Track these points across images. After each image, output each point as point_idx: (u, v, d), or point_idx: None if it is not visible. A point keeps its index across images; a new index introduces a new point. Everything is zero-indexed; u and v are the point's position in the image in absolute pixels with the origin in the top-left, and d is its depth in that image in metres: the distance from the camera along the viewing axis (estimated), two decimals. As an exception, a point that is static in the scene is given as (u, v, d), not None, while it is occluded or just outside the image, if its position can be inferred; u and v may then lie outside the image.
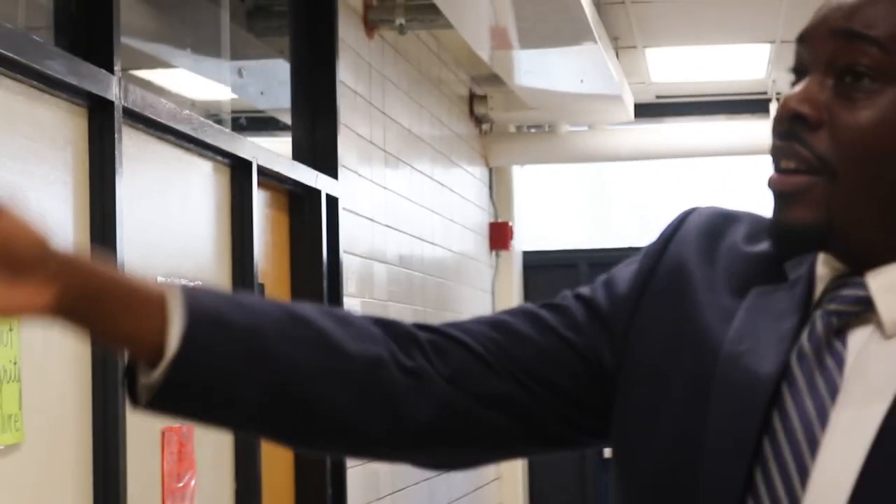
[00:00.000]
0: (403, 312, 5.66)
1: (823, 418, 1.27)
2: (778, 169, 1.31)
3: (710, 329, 1.38)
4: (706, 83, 7.76)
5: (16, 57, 2.60)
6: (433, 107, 6.38)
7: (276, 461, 4.21)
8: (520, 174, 8.47)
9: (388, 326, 1.36)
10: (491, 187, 7.87)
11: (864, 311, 1.30)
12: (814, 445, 1.26)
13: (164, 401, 1.26)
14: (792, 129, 1.30)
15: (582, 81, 6.43)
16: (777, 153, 1.32)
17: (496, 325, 1.41)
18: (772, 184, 1.32)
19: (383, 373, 1.33)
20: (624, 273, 1.46)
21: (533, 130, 7.96)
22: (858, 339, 1.30)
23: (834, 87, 1.30)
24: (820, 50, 1.31)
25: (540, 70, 6.30)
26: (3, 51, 2.56)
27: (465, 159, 7.20)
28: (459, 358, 1.37)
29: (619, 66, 6.66)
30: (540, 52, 5.91)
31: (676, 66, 7.38)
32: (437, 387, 1.36)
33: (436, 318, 6.24)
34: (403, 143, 5.77)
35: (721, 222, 1.42)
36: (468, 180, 7.27)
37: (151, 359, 1.25)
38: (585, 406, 1.43)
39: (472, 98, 7.32)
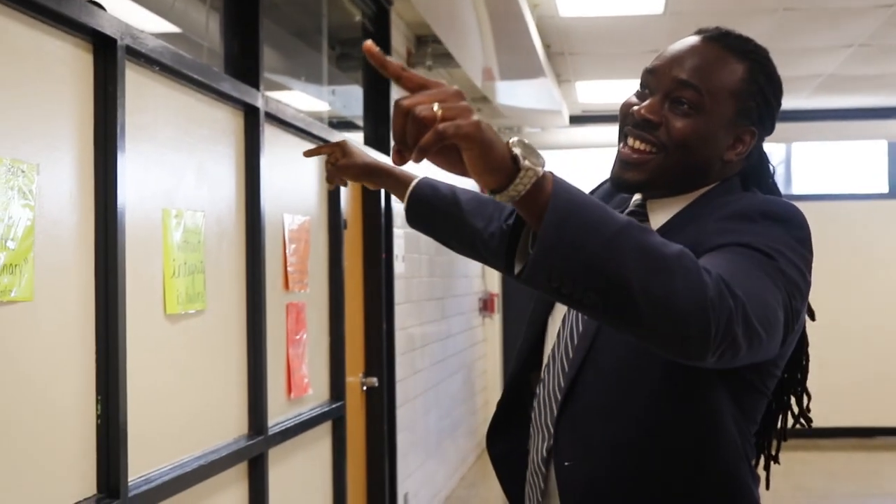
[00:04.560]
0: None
1: None
2: (629, 147, 1.41)
3: None
4: (614, 103, 7.72)
5: (203, 79, 2.60)
6: (448, 116, 6.34)
7: (354, 324, 4.22)
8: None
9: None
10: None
11: (645, 219, 1.41)
12: None
13: (409, 214, 1.77)
14: (643, 127, 1.40)
15: (538, 101, 6.40)
16: (630, 137, 1.41)
17: None
18: (622, 154, 1.41)
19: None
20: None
21: (507, 131, 7.93)
22: None
23: (669, 107, 1.38)
24: (663, 83, 1.39)
25: (512, 94, 6.27)
26: (195, 76, 2.56)
27: (466, 148, 7.13)
28: None
29: (559, 92, 6.63)
30: (512, 83, 5.89)
31: (595, 93, 7.34)
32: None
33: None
34: (430, 137, 5.71)
35: None
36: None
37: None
38: None
39: (471, 111, 7.29)
